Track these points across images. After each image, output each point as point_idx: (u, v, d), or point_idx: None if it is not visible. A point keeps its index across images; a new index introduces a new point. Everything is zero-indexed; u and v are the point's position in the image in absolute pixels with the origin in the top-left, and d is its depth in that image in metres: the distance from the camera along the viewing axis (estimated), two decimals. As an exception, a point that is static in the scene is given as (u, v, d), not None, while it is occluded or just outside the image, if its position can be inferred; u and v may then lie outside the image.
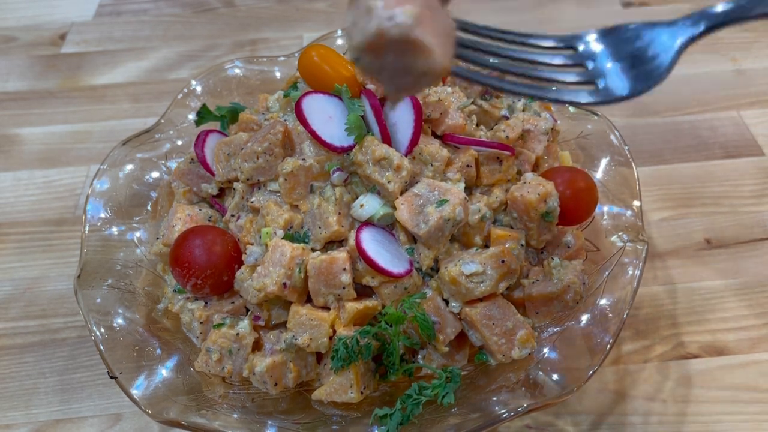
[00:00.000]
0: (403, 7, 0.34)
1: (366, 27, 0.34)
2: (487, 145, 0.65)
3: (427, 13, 0.35)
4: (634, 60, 0.44)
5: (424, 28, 0.34)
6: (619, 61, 0.44)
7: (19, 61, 1.09)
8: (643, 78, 0.43)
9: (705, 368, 0.66)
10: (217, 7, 1.20)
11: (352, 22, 0.36)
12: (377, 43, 0.34)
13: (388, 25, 0.33)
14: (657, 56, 0.44)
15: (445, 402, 0.53)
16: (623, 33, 0.46)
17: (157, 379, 0.58)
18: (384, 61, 0.35)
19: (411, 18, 0.33)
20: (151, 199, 0.74)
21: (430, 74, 0.36)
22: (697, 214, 0.81)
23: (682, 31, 0.45)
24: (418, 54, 0.34)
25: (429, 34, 0.34)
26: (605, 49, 0.45)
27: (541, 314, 0.61)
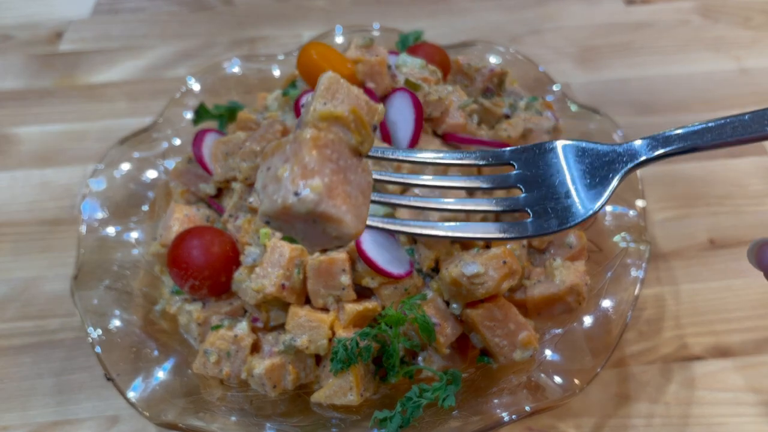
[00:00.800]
0: (309, 180, 0.33)
1: (273, 198, 0.34)
2: (489, 144, 0.65)
3: (338, 179, 0.34)
4: (568, 192, 0.43)
5: (332, 199, 0.34)
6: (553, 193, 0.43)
7: (16, 59, 1.08)
8: (572, 214, 0.42)
9: (709, 370, 0.65)
10: (215, 5, 1.19)
11: (262, 185, 0.35)
12: (284, 214, 0.34)
13: (293, 200, 0.33)
14: (590, 189, 0.43)
15: (446, 405, 0.53)
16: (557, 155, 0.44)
17: (155, 381, 0.57)
18: (293, 228, 0.35)
19: (317, 194, 0.33)
20: (149, 199, 0.73)
21: (342, 239, 0.36)
22: (701, 215, 0.81)
23: (621, 161, 0.44)
24: (326, 223, 0.34)
25: (339, 202, 0.34)
26: (540, 176, 0.44)
27: (543, 316, 0.60)
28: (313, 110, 0.36)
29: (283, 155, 0.35)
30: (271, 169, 0.35)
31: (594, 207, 0.42)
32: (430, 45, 0.77)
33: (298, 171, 0.33)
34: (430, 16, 1.14)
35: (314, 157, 0.34)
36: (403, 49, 0.81)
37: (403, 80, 0.66)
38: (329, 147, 0.35)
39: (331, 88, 0.37)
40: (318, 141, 0.35)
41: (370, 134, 0.37)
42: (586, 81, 1.00)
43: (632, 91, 0.98)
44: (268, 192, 0.35)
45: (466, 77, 0.73)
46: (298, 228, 0.35)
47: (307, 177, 0.33)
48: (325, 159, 0.35)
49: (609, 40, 1.07)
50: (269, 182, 0.35)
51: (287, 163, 0.34)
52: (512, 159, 0.45)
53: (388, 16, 1.13)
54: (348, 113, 0.36)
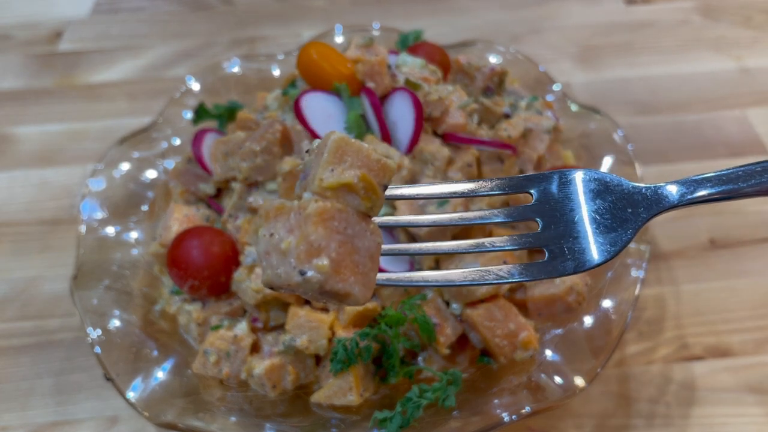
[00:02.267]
0: (315, 260, 0.32)
1: (277, 272, 0.32)
2: (489, 144, 0.65)
3: (346, 250, 0.33)
4: (586, 232, 0.40)
5: (340, 275, 0.32)
6: (571, 231, 0.40)
7: (15, 59, 1.08)
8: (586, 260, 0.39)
9: (709, 370, 0.65)
10: (215, 4, 1.19)
11: (264, 251, 0.33)
12: (288, 289, 0.33)
13: (299, 279, 0.32)
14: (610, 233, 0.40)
15: (446, 405, 0.52)
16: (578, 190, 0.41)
17: (154, 382, 0.57)
18: (300, 294, 0.34)
19: (323, 274, 0.32)
20: (148, 199, 0.73)
21: (350, 305, 0.34)
22: (702, 215, 0.80)
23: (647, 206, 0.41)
24: (335, 296, 0.33)
25: (347, 275, 0.33)
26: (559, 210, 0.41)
27: (543, 316, 0.60)
28: (318, 180, 0.34)
29: (287, 223, 0.33)
30: (274, 236, 0.33)
31: (612, 252, 0.39)
32: (430, 44, 0.77)
33: (303, 248, 0.32)
34: (430, 15, 1.14)
35: (320, 234, 0.32)
36: (403, 49, 0.80)
37: (403, 80, 0.66)
38: (336, 219, 0.33)
39: (339, 152, 0.34)
40: (324, 215, 0.33)
41: (380, 197, 0.35)
42: (587, 81, 1.00)
43: (633, 90, 0.98)
44: (271, 262, 0.33)
45: (467, 76, 0.73)
46: (302, 293, 0.34)
47: (312, 256, 0.32)
48: (332, 232, 0.33)
49: (609, 39, 1.07)
50: (272, 251, 0.33)
51: (291, 236, 0.32)
52: (530, 188, 0.42)
53: (388, 16, 1.12)
54: (357, 181, 0.34)
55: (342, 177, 0.34)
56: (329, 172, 0.34)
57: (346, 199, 0.34)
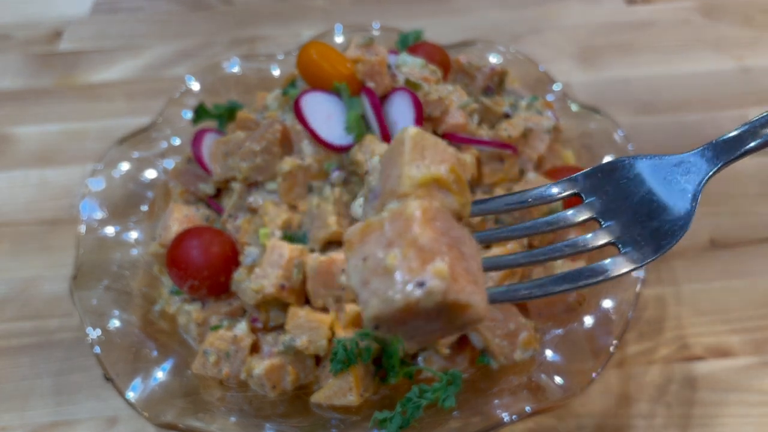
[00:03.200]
0: (430, 265, 0.26)
1: (386, 296, 0.27)
2: (489, 144, 0.64)
3: (455, 255, 0.28)
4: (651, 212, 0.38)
5: (458, 283, 0.27)
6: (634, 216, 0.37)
7: (14, 59, 1.08)
8: (665, 234, 0.37)
9: (710, 370, 0.65)
10: (215, 4, 1.19)
11: (361, 281, 0.28)
12: (405, 314, 0.27)
13: (419, 294, 0.26)
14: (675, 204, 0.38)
15: (446, 405, 0.52)
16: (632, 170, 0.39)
17: (154, 382, 0.57)
18: (410, 327, 0.28)
19: (444, 280, 0.26)
20: (148, 199, 0.73)
21: (468, 326, 0.29)
22: (702, 215, 0.80)
23: (697, 168, 0.40)
24: (454, 314, 0.28)
25: (464, 284, 0.27)
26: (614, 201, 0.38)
27: (543, 316, 0.60)
28: (408, 177, 0.29)
29: (381, 239, 0.28)
30: (369, 260, 0.28)
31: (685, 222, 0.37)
32: (430, 44, 0.77)
33: (414, 255, 0.27)
34: (431, 15, 1.14)
35: (429, 236, 0.27)
36: (403, 49, 0.80)
37: (403, 80, 0.65)
38: (438, 219, 0.29)
39: (419, 147, 0.30)
40: (428, 214, 0.28)
41: (469, 194, 0.31)
42: (587, 80, 1.00)
43: (633, 90, 0.98)
44: (375, 289, 0.27)
45: (467, 76, 0.73)
46: (412, 327, 0.28)
47: (427, 261, 0.27)
48: (439, 234, 0.28)
49: (610, 39, 1.07)
50: (371, 276, 0.28)
51: (394, 248, 0.27)
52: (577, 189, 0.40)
53: (388, 16, 1.12)
54: (448, 173, 0.30)
55: (431, 170, 0.30)
56: (415, 168, 0.30)
57: (442, 199, 0.30)
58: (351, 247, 0.30)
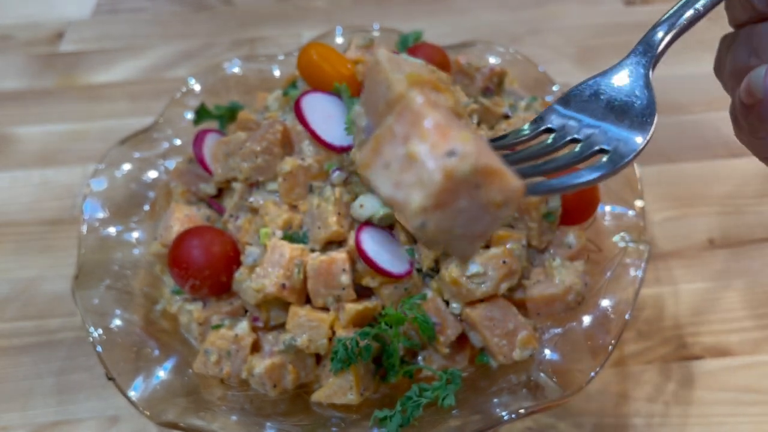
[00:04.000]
0: (453, 133, 0.26)
1: (423, 179, 0.26)
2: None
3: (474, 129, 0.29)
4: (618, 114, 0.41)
5: (483, 149, 0.27)
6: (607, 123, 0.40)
7: (16, 59, 1.08)
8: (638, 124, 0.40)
9: (708, 370, 0.66)
10: (216, 5, 1.19)
11: (393, 185, 0.27)
12: (446, 190, 0.26)
13: (452, 162, 0.26)
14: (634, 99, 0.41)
15: (446, 404, 0.53)
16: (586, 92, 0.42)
17: (155, 381, 0.57)
18: (456, 212, 0.27)
19: (470, 143, 0.26)
20: (149, 199, 0.73)
21: (509, 203, 0.28)
22: (701, 215, 0.81)
23: (638, 63, 0.44)
24: (490, 184, 0.27)
25: (491, 154, 0.27)
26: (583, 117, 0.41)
27: (542, 315, 0.61)
28: (397, 81, 0.29)
29: (394, 140, 0.28)
30: (392, 162, 0.27)
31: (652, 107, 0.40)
32: (430, 45, 0.77)
33: (435, 132, 0.26)
34: (430, 16, 1.14)
35: (440, 114, 0.27)
36: (403, 50, 0.81)
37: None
38: (440, 108, 0.28)
39: (393, 61, 0.31)
40: (430, 100, 0.28)
41: (455, 95, 0.32)
42: (586, 81, 1.00)
43: (632, 91, 0.98)
44: (409, 183, 0.27)
45: (467, 76, 0.73)
46: (462, 211, 0.27)
47: (448, 134, 0.26)
48: (448, 116, 0.28)
49: (608, 40, 1.08)
50: (401, 175, 0.27)
51: (413, 138, 0.27)
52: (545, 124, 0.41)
53: (388, 17, 1.13)
54: (429, 73, 0.31)
55: (415, 70, 0.30)
56: (400, 73, 0.30)
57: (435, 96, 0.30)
58: (368, 166, 0.29)
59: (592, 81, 0.43)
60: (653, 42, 0.46)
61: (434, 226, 0.27)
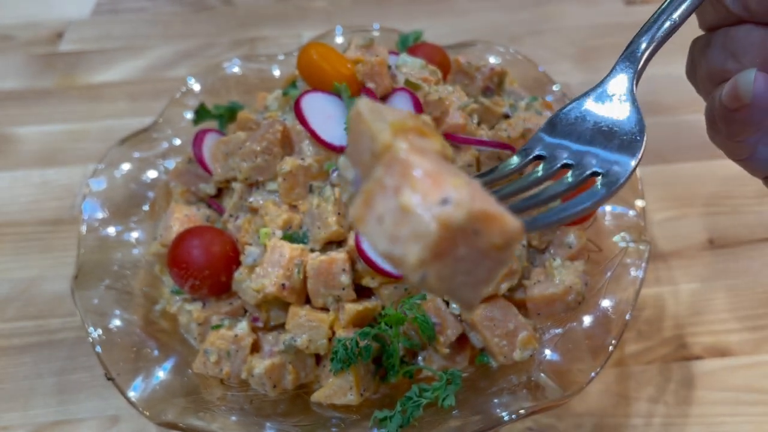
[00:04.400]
0: (447, 182, 0.26)
1: (418, 232, 0.25)
2: (489, 144, 0.65)
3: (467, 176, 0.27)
4: (607, 135, 0.40)
5: (476, 193, 0.26)
6: (596, 146, 0.40)
7: (16, 59, 1.08)
8: (628, 144, 0.39)
9: (708, 370, 0.66)
10: (216, 5, 1.19)
11: (389, 239, 0.26)
12: (444, 240, 0.25)
13: (449, 209, 0.25)
14: (622, 118, 0.41)
15: (446, 404, 0.53)
16: (571, 115, 0.42)
17: (155, 381, 0.57)
18: (456, 260, 0.27)
19: (464, 190, 0.26)
20: (149, 199, 0.73)
21: (508, 246, 0.27)
22: (700, 215, 0.81)
23: (621, 81, 0.43)
24: (489, 229, 0.26)
25: (486, 198, 0.26)
26: (570, 143, 0.41)
27: (542, 315, 0.60)
28: (379, 131, 0.29)
29: (384, 194, 0.27)
30: (385, 216, 0.27)
31: (641, 125, 0.40)
32: (430, 45, 0.77)
33: (426, 180, 0.26)
34: (430, 16, 1.14)
35: (429, 162, 0.27)
36: (403, 49, 0.81)
37: (403, 80, 0.66)
38: (426, 154, 0.28)
39: (375, 110, 0.31)
40: (413, 149, 0.28)
41: (441, 137, 0.31)
42: (586, 81, 0.99)
43: (632, 91, 0.98)
44: (405, 236, 0.26)
45: (467, 76, 0.73)
46: (461, 259, 0.27)
47: (439, 182, 0.26)
48: (438, 162, 0.28)
49: (608, 40, 1.07)
50: (395, 229, 0.26)
51: (404, 190, 0.26)
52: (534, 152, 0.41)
53: (388, 17, 1.13)
54: (412, 119, 0.30)
55: (397, 118, 0.29)
56: (383, 122, 0.29)
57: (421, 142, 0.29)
58: (361, 220, 0.28)
59: (576, 102, 0.43)
60: (635, 56, 0.45)
61: (435, 277, 0.27)
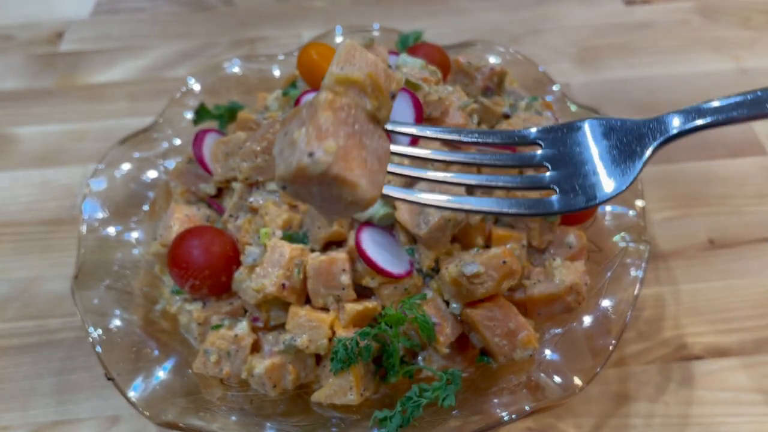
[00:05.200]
0: (323, 142, 0.33)
1: (288, 161, 0.34)
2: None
3: (353, 143, 0.35)
4: (597, 168, 0.42)
5: (347, 162, 0.34)
6: (581, 169, 0.42)
7: (16, 59, 1.08)
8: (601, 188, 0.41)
9: (708, 370, 0.66)
10: (216, 5, 1.19)
11: (279, 150, 0.36)
12: (299, 177, 0.34)
13: (308, 161, 0.33)
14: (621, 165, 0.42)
15: (446, 404, 0.53)
16: (587, 133, 0.44)
17: (155, 381, 0.57)
18: (309, 191, 0.35)
19: (330, 155, 0.33)
20: (149, 199, 0.73)
21: (357, 204, 0.35)
22: (701, 215, 0.81)
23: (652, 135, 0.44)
24: (341, 187, 0.34)
25: (354, 166, 0.34)
26: (568, 155, 0.43)
27: (542, 315, 0.61)
28: (329, 74, 0.36)
29: (299, 120, 0.35)
30: (288, 135, 0.35)
31: (623, 184, 0.41)
32: (430, 45, 0.77)
33: (313, 132, 0.34)
34: (430, 16, 1.14)
35: (329, 120, 0.34)
36: (403, 49, 0.81)
37: (403, 80, 0.66)
38: (344, 110, 0.35)
39: (349, 54, 0.37)
40: (333, 104, 0.35)
41: (387, 100, 0.37)
42: (586, 81, 1.00)
43: (632, 91, 0.98)
44: (284, 156, 0.35)
45: (467, 76, 0.73)
46: (315, 192, 0.35)
47: (321, 138, 0.34)
48: (340, 122, 0.35)
49: (609, 40, 1.08)
50: (285, 147, 0.35)
51: (303, 127, 0.34)
52: (539, 138, 0.44)
53: (388, 16, 1.13)
54: (364, 77, 0.36)
55: (351, 73, 0.36)
56: (339, 69, 0.36)
57: (354, 97, 0.36)
58: (282, 125, 0.37)
59: (606, 122, 0.43)
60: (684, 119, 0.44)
61: (292, 192, 0.36)
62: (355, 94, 0.36)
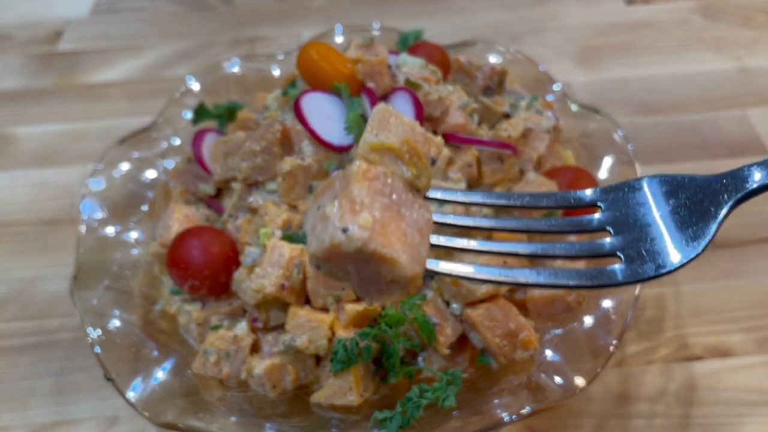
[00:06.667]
0: (357, 215, 0.31)
1: (321, 237, 0.32)
2: (489, 144, 0.65)
3: (391, 215, 0.32)
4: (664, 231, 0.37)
5: (385, 237, 0.31)
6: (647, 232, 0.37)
7: (15, 59, 1.08)
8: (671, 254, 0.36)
9: (709, 370, 0.65)
10: (215, 4, 1.19)
11: (312, 226, 0.33)
12: (333, 255, 0.31)
13: (342, 238, 0.31)
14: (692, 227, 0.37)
15: (446, 405, 0.52)
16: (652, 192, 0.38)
17: (154, 382, 0.57)
18: (346, 269, 0.33)
19: (366, 230, 0.31)
20: (148, 199, 0.73)
21: (398, 283, 0.32)
22: (701, 214, 0.80)
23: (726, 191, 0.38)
24: (380, 264, 0.31)
25: (393, 241, 0.31)
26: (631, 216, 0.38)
27: (543, 316, 0.60)
28: (362, 142, 0.34)
29: (332, 192, 0.33)
30: (320, 209, 0.33)
31: (696, 248, 0.36)
32: (431, 44, 0.77)
33: (347, 206, 0.31)
34: (430, 15, 1.14)
35: (363, 191, 0.32)
36: (403, 49, 0.80)
37: (403, 80, 0.66)
38: (380, 180, 0.33)
39: (383, 119, 0.35)
40: (368, 174, 0.32)
41: (427, 167, 0.35)
42: (587, 81, 1.00)
43: (633, 90, 0.98)
44: (317, 232, 0.32)
45: (467, 76, 0.73)
46: (351, 271, 0.32)
47: (355, 212, 0.31)
48: (376, 193, 0.32)
49: (609, 39, 1.07)
50: (318, 222, 0.32)
51: (335, 200, 0.32)
52: (597, 200, 0.40)
53: (388, 16, 1.12)
54: (401, 144, 0.34)
55: (386, 140, 0.34)
56: (373, 136, 0.34)
57: (391, 166, 0.34)
58: (315, 197, 0.35)
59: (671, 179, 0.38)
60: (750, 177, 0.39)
61: (327, 271, 0.33)
62: (392, 161, 0.34)
